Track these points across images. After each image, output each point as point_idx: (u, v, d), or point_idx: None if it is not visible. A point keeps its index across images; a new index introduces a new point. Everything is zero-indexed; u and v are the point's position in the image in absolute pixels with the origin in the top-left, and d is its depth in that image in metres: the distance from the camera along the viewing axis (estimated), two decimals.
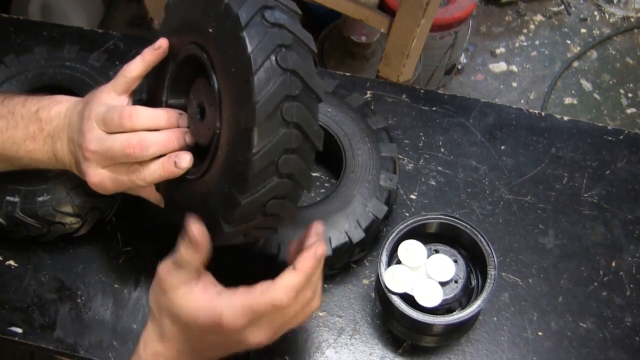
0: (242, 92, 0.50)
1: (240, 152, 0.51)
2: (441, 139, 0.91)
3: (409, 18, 0.98)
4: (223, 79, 0.53)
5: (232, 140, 0.52)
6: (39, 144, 0.66)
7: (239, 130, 0.51)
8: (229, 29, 0.51)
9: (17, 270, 0.81)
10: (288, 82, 0.50)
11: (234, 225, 0.54)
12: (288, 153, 0.51)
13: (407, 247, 0.69)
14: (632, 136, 0.91)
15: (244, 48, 0.49)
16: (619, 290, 0.79)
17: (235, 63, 0.51)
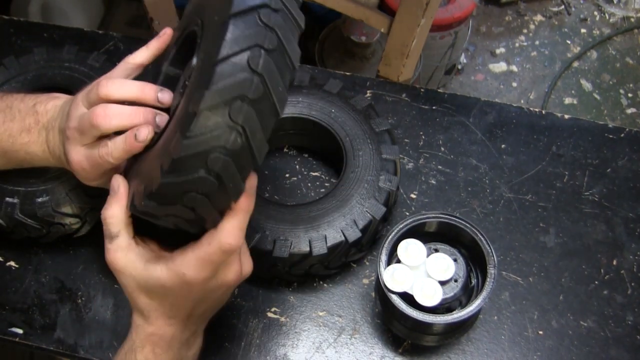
0: (203, 76, 0.49)
1: (178, 134, 0.50)
2: (441, 138, 0.91)
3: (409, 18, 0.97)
4: (199, 60, 0.54)
5: (178, 121, 0.52)
6: (34, 136, 0.66)
7: (186, 113, 0.50)
8: (223, 13, 0.50)
9: (18, 271, 0.81)
10: (249, 83, 0.48)
11: (151, 200, 0.53)
12: (221, 153, 0.49)
13: (407, 246, 0.68)
14: (633, 134, 0.90)
15: (222, 35, 0.49)
16: (620, 288, 0.78)
17: (211, 48, 0.50)
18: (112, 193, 0.59)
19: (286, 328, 0.76)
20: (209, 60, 0.49)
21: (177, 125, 0.52)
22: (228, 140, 0.49)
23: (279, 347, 0.75)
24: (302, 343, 0.76)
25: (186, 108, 0.51)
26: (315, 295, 0.78)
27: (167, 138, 0.54)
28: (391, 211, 0.81)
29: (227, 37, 0.48)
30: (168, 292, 0.58)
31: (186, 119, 0.49)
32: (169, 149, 0.50)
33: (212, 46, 0.50)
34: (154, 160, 0.54)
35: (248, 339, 0.76)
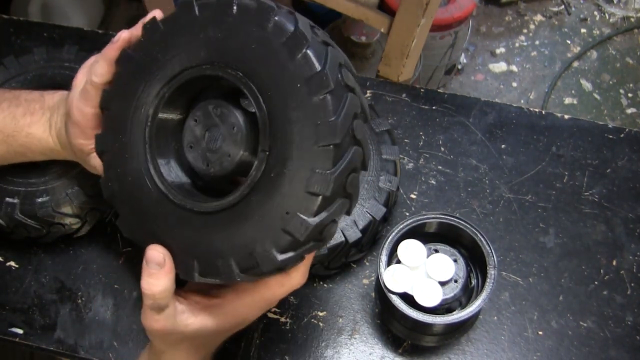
0: (307, 155, 0.48)
1: (312, 171, 0.48)
2: (441, 138, 0.91)
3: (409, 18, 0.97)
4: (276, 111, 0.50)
5: (293, 164, 0.49)
6: (37, 117, 0.67)
7: (306, 148, 0.48)
8: (304, 83, 0.49)
9: (18, 271, 0.81)
10: (359, 155, 0.51)
11: (289, 252, 0.50)
12: (354, 172, 0.50)
13: (407, 246, 0.68)
14: (633, 134, 0.90)
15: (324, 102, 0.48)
16: (620, 289, 0.79)
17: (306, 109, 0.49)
18: (154, 267, 0.53)
19: (286, 328, 0.77)
20: (308, 141, 0.48)
21: (294, 167, 0.49)
22: (357, 160, 0.50)
23: (279, 347, 0.75)
24: (302, 343, 0.76)
25: (298, 148, 0.49)
26: (315, 295, 0.79)
27: (278, 185, 0.49)
28: (391, 211, 0.82)
29: (330, 109, 0.48)
30: (219, 332, 0.58)
31: (314, 156, 0.48)
32: (307, 192, 0.48)
33: (307, 120, 0.49)
34: (261, 215, 0.50)
35: (248, 339, 0.76)
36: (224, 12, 0.53)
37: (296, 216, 0.48)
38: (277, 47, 0.50)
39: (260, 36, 0.50)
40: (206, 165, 0.55)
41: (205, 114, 0.55)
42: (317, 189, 0.48)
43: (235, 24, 0.52)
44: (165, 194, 0.54)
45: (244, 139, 0.53)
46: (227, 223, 0.51)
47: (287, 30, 0.50)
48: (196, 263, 0.52)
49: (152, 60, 0.56)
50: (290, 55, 0.49)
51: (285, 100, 0.49)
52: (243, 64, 0.51)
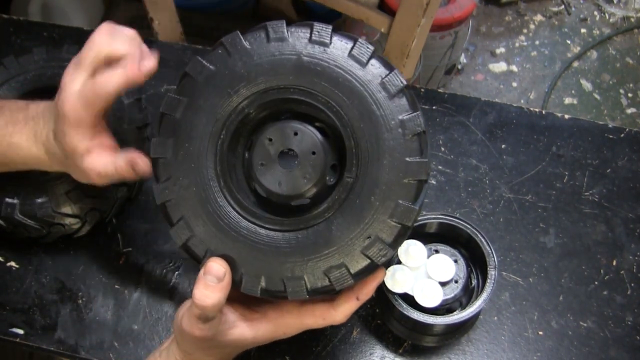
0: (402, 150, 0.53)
1: (397, 203, 0.52)
2: (441, 138, 0.91)
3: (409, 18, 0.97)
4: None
5: (380, 193, 0.53)
6: (19, 127, 0.65)
7: (395, 181, 0.53)
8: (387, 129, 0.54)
9: (18, 272, 0.81)
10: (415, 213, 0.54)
11: (364, 274, 0.54)
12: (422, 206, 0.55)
13: (407, 247, 0.68)
14: (634, 134, 0.90)
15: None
16: (620, 289, 0.79)
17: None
18: (212, 280, 0.53)
19: None
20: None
21: (379, 195, 0.53)
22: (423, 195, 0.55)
23: (279, 347, 0.75)
24: (303, 343, 0.76)
25: (383, 179, 0.53)
26: None
27: (344, 232, 0.53)
28: None
29: None
30: (254, 345, 0.60)
31: (400, 189, 0.53)
32: (372, 253, 0.52)
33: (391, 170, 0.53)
34: (339, 237, 0.53)
35: None
36: (319, 40, 0.55)
37: (378, 241, 0.52)
38: (373, 84, 0.54)
39: (355, 70, 0.54)
40: (278, 184, 0.56)
41: (282, 134, 0.56)
42: (400, 218, 0.52)
43: (330, 54, 0.55)
44: (233, 206, 0.55)
45: (322, 164, 0.55)
46: (301, 242, 0.53)
47: (383, 72, 0.54)
48: (264, 279, 0.54)
49: (233, 75, 0.56)
50: (387, 95, 0.54)
51: (377, 135, 0.53)
52: (335, 94, 0.54)
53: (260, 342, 0.59)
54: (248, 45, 0.56)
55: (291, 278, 0.53)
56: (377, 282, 0.58)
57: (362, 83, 0.54)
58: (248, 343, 0.59)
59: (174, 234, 0.56)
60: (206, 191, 0.55)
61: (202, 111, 0.56)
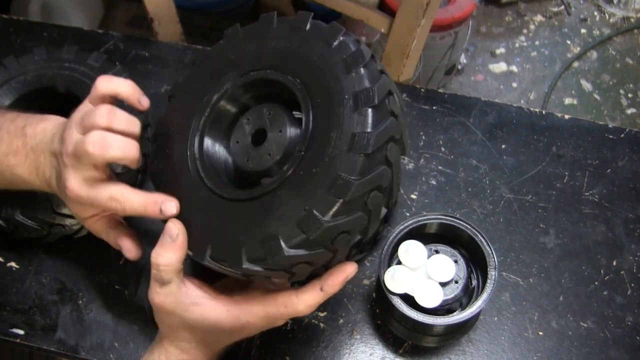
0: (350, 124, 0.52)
1: (338, 175, 0.50)
2: (441, 138, 0.91)
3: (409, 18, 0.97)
4: (322, 116, 0.54)
5: (323, 165, 0.51)
6: (21, 159, 0.65)
7: (338, 154, 0.51)
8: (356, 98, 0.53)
9: (19, 272, 0.81)
10: (388, 174, 0.53)
11: (299, 249, 0.51)
12: (378, 190, 0.52)
13: (407, 247, 0.69)
14: (634, 134, 0.91)
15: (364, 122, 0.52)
16: (620, 289, 0.79)
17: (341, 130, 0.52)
18: (167, 239, 0.56)
19: (287, 329, 0.76)
20: (347, 148, 0.51)
21: (323, 169, 0.51)
22: (383, 179, 0.53)
23: (279, 347, 0.75)
24: (303, 344, 0.76)
25: (333, 154, 0.51)
26: None
27: (305, 183, 0.51)
28: (392, 212, 0.82)
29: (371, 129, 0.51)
30: (218, 331, 0.60)
31: (344, 162, 0.50)
32: (327, 193, 0.50)
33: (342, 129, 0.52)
34: (281, 209, 0.52)
35: (248, 340, 0.76)
36: (298, 27, 0.59)
37: (312, 214, 0.50)
38: (337, 61, 0.54)
39: (324, 51, 0.56)
40: (246, 160, 0.58)
41: (258, 115, 0.59)
42: (338, 192, 0.49)
43: (304, 38, 0.58)
44: (201, 177, 0.58)
45: (286, 143, 0.56)
46: (248, 213, 0.53)
47: (349, 49, 0.55)
48: (210, 246, 0.55)
49: (226, 59, 0.62)
50: (346, 70, 0.53)
51: (331, 109, 0.52)
52: (303, 73, 0.56)
53: (226, 328, 0.59)
54: (242, 34, 0.63)
55: (233, 248, 0.53)
56: (345, 276, 0.58)
57: (326, 58, 0.55)
58: (213, 326, 0.59)
59: None
60: (183, 161, 0.60)
61: (196, 91, 0.63)
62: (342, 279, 0.58)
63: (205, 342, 0.62)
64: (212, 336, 0.62)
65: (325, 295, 0.58)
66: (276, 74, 0.58)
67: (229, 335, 0.61)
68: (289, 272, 0.54)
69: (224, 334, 0.61)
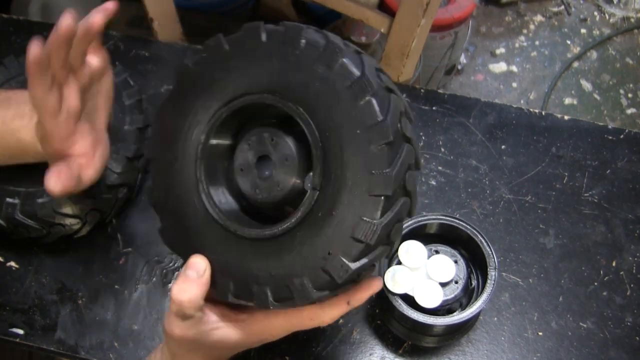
0: (368, 162, 0.49)
1: (360, 219, 0.48)
2: (441, 139, 0.91)
3: (409, 18, 0.97)
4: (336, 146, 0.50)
5: (342, 207, 0.49)
6: (26, 121, 0.66)
7: (357, 195, 0.48)
8: (366, 125, 0.49)
9: (18, 272, 0.81)
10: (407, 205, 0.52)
11: (362, 258, 0.50)
12: (399, 221, 0.51)
13: (408, 247, 0.69)
14: (633, 135, 0.91)
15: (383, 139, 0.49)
16: (620, 289, 0.79)
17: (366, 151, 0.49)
18: (192, 274, 0.53)
19: None
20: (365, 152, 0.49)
21: (344, 209, 0.49)
22: (404, 211, 0.51)
23: (279, 347, 0.75)
24: (303, 343, 0.76)
25: (350, 191, 0.49)
26: None
27: (324, 224, 0.49)
28: None
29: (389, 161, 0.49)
30: (238, 348, 0.59)
31: (364, 202, 0.48)
32: (351, 236, 0.48)
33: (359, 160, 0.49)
34: (302, 251, 0.50)
35: None
36: (291, 44, 0.52)
37: (337, 259, 0.49)
38: (341, 89, 0.49)
39: (325, 76, 0.50)
40: (255, 191, 0.55)
41: (260, 141, 0.55)
42: (362, 236, 0.48)
43: (301, 59, 0.52)
44: (211, 214, 0.54)
45: (295, 170, 0.53)
46: (269, 252, 0.52)
47: (353, 74, 0.49)
48: (232, 284, 0.53)
49: (211, 79, 0.56)
50: (354, 101, 0.49)
51: (343, 144, 0.49)
52: (305, 100, 0.51)
53: (249, 344, 0.58)
54: (227, 47, 0.56)
55: (258, 287, 0.52)
56: (372, 291, 0.57)
57: (329, 84, 0.50)
58: (235, 345, 0.58)
59: (162, 235, 0.58)
60: (188, 196, 0.56)
61: (184, 115, 0.57)
62: (369, 294, 0.57)
63: (219, 357, 0.61)
64: (228, 352, 0.61)
65: (350, 308, 0.57)
66: (275, 99, 0.52)
67: (247, 347, 0.60)
68: (356, 281, 0.53)
69: (241, 348, 0.60)
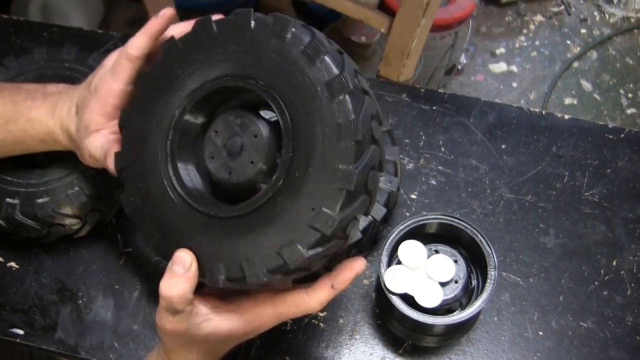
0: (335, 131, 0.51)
1: (336, 168, 0.50)
2: (441, 138, 0.91)
3: (409, 18, 0.97)
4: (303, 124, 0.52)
5: (316, 162, 0.51)
6: (39, 102, 0.67)
7: (321, 186, 0.50)
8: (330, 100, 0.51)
9: (18, 272, 0.81)
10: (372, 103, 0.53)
11: (317, 247, 0.51)
12: (373, 169, 0.52)
13: (407, 247, 0.69)
14: (634, 134, 0.91)
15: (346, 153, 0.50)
16: (620, 289, 0.79)
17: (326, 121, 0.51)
18: (179, 270, 0.53)
19: (287, 329, 0.77)
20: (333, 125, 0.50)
21: (306, 196, 0.50)
22: (376, 158, 0.52)
23: (279, 347, 0.75)
24: (303, 344, 0.76)
25: (324, 142, 0.51)
26: None
27: (304, 186, 0.51)
28: (391, 212, 0.82)
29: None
30: (228, 341, 0.59)
31: (331, 196, 0.50)
32: (319, 224, 0.50)
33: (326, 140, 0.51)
34: (287, 215, 0.51)
35: (248, 340, 0.76)
36: (242, 26, 0.55)
37: (322, 212, 0.50)
38: (296, 55, 0.52)
39: (279, 47, 0.53)
40: (228, 173, 0.55)
41: (226, 125, 0.56)
42: (341, 184, 0.49)
43: (254, 37, 0.54)
44: (188, 202, 0.55)
45: (266, 146, 0.54)
46: (251, 226, 0.52)
47: (305, 40, 0.52)
48: (222, 267, 0.53)
49: (172, 77, 0.57)
50: (310, 62, 0.52)
51: (307, 104, 0.51)
52: (264, 74, 0.53)
53: (238, 335, 0.58)
54: (181, 46, 0.58)
55: (248, 263, 0.52)
56: (355, 272, 0.57)
57: (284, 54, 0.53)
58: (227, 336, 0.58)
59: (146, 241, 0.57)
60: (162, 191, 0.56)
61: (149, 115, 0.58)
62: (351, 277, 0.58)
63: (213, 350, 0.61)
64: (222, 345, 0.61)
65: (336, 292, 0.58)
66: (235, 80, 0.54)
67: (240, 340, 0.61)
68: (307, 270, 0.54)
69: (234, 340, 0.60)
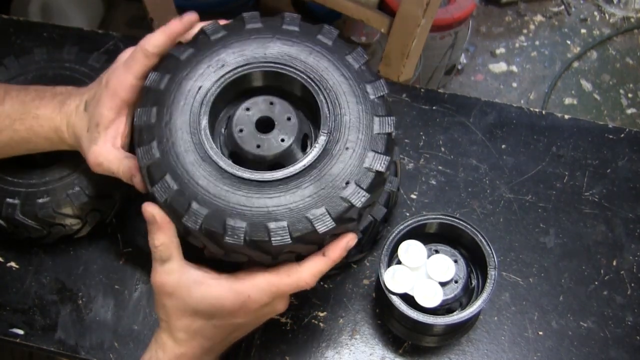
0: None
1: (373, 152, 0.57)
2: (441, 138, 0.91)
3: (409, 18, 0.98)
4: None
5: (354, 142, 0.58)
6: (47, 100, 0.68)
7: (365, 136, 0.58)
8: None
9: (18, 272, 0.81)
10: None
11: (343, 220, 0.56)
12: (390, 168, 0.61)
13: (407, 247, 0.69)
14: (634, 134, 0.91)
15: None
16: (620, 289, 0.79)
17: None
18: (152, 223, 0.58)
19: (287, 329, 0.77)
20: None
21: (341, 170, 0.57)
22: (379, 195, 0.61)
23: (279, 347, 0.75)
24: (303, 344, 0.76)
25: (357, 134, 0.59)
26: (315, 295, 0.79)
27: (322, 179, 0.57)
28: (392, 212, 0.82)
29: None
30: (218, 313, 0.59)
31: (365, 174, 0.57)
32: (351, 197, 0.56)
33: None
34: (303, 201, 0.56)
35: (248, 340, 0.76)
36: (311, 35, 0.62)
37: (355, 186, 0.56)
38: (347, 74, 0.61)
39: (333, 61, 0.61)
40: (257, 146, 0.60)
41: (259, 105, 0.61)
42: (376, 166, 0.57)
43: (297, 37, 0.62)
44: (215, 161, 0.58)
45: (296, 128, 0.60)
46: (286, 188, 0.56)
47: (353, 66, 0.62)
48: (246, 225, 0.55)
49: (213, 53, 0.62)
50: (357, 82, 0.61)
51: (348, 97, 0.60)
52: (306, 67, 0.61)
53: (228, 304, 0.58)
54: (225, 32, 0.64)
55: (275, 223, 0.55)
56: (346, 242, 0.59)
57: (324, 52, 0.61)
58: (215, 306, 0.58)
59: (157, 191, 0.57)
60: (188, 151, 0.58)
61: (186, 80, 0.60)
62: (343, 246, 0.59)
63: (203, 331, 0.60)
64: (212, 322, 0.60)
65: (327, 261, 0.59)
66: (280, 67, 0.61)
67: (231, 315, 0.59)
68: (321, 244, 0.59)
69: (224, 314, 0.59)
